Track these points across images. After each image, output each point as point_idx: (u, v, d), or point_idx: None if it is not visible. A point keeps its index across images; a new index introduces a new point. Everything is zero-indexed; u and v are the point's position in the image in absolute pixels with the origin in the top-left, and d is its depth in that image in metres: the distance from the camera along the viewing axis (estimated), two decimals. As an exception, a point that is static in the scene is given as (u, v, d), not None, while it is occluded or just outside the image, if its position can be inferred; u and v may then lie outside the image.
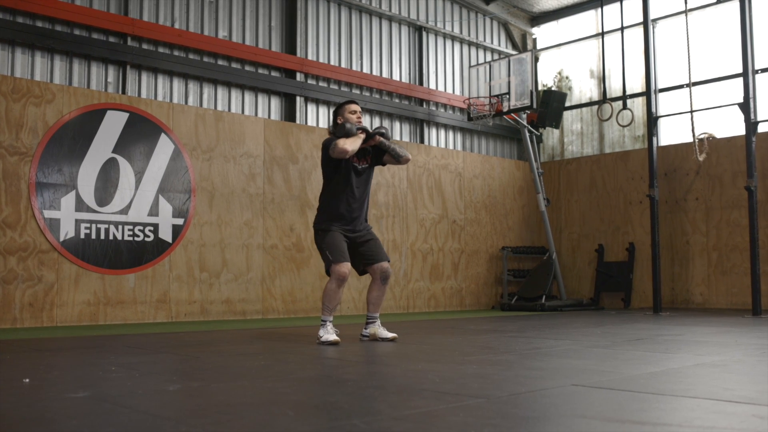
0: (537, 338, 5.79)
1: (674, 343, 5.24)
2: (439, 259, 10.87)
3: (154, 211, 7.99)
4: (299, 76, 9.92)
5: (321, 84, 10.20)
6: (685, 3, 10.04)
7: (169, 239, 8.07)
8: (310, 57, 10.12)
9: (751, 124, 9.08)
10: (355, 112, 5.52)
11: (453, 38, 12.14)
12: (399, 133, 11.16)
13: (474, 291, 11.35)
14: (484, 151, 12.47)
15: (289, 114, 9.83)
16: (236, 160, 8.74)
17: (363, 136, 5.36)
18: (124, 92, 8.30)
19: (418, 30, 11.59)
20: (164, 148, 8.13)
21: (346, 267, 5.24)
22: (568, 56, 12.89)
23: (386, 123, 11.02)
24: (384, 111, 10.92)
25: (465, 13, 12.33)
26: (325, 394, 3.06)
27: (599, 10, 11.60)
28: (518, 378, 3.46)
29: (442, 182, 11.07)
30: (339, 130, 5.33)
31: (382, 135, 5.47)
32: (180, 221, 8.18)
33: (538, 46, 13.32)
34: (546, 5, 12.82)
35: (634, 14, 11.16)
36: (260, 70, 9.59)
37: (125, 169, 7.81)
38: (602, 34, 11.27)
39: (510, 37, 13.05)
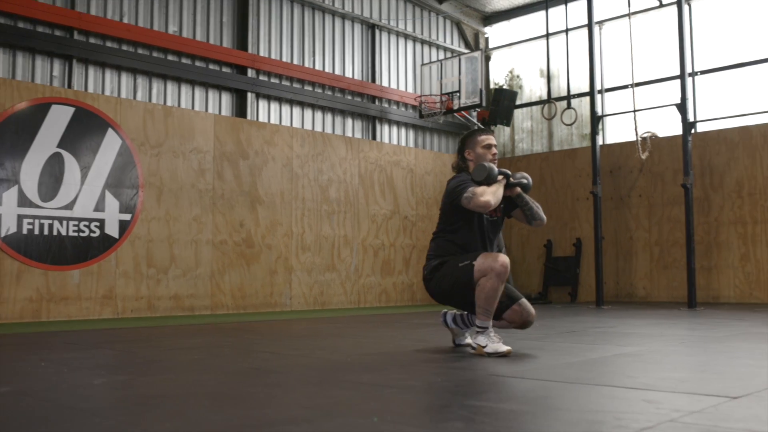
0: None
1: (603, 335, 5.42)
2: (390, 255, 10.99)
3: (100, 206, 7.97)
4: (251, 72, 9.95)
5: (273, 80, 10.24)
6: (629, 6, 10.28)
7: (115, 235, 8.06)
8: (262, 53, 10.16)
9: (687, 124, 9.36)
10: (490, 146, 4.37)
11: (406, 36, 12.26)
12: (351, 129, 11.25)
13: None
14: (436, 148, 12.62)
15: (240, 110, 9.85)
16: (185, 155, 8.75)
17: (504, 182, 4.23)
18: (70, 86, 8.26)
19: (371, 28, 11.69)
20: (111, 143, 8.12)
21: (492, 253, 4.05)
22: (519, 55, 13.10)
23: (338, 120, 11.10)
24: (336, 108, 10.99)
25: (418, 12, 12.45)
26: (247, 386, 3.14)
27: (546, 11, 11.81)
28: (441, 369, 3.59)
29: (394, 178, 11.19)
30: (478, 172, 4.15)
31: (523, 187, 4.33)
32: (127, 217, 8.18)
33: (491, 45, 13.50)
34: (498, 5, 13.00)
35: (581, 16, 11.38)
36: (211, 66, 9.60)
37: (71, 164, 7.78)
38: (547, 35, 11.47)
39: (462, 35, 13.21)
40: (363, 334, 5.92)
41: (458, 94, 10.91)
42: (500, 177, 4.18)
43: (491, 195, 4.04)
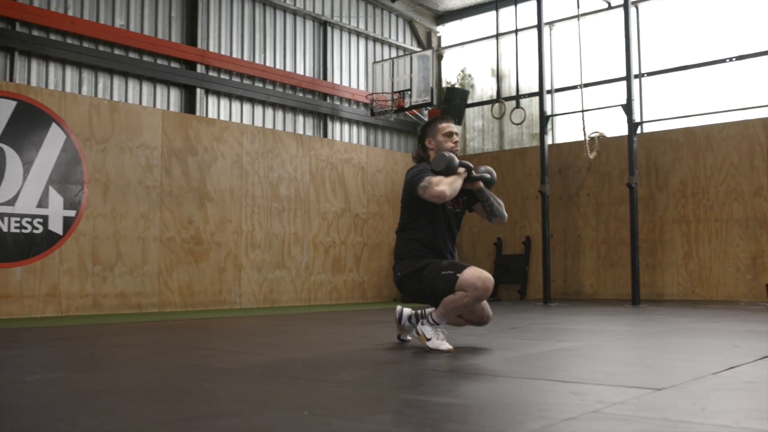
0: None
1: (546, 331, 5.51)
2: (341, 252, 11.00)
3: (43, 202, 7.83)
4: (200, 68, 9.87)
5: (222, 76, 10.17)
6: (578, 7, 10.44)
7: (59, 231, 7.92)
8: (211, 49, 10.08)
9: (632, 125, 9.56)
10: (451, 134, 4.25)
11: (358, 34, 12.27)
12: (303, 127, 11.23)
13: (376, 284, 11.53)
14: (387, 146, 12.66)
15: (189, 106, 9.77)
16: (132, 151, 8.64)
17: (465, 174, 4.11)
18: (11, 80, 8.09)
19: (323, 25, 11.67)
20: (55, 138, 7.98)
21: (476, 268, 3.96)
22: (471, 55, 13.21)
23: (290, 117, 11.07)
24: (287, 105, 10.96)
25: (370, 10, 12.47)
26: (183, 382, 3.13)
27: (500, 11, 11.92)
28: (380, 364, 3.61)
29: (345, 176, 11.20)
30: (437, 162, 4.06)
31: (486, 182, 4.22)
32: (72, 213, 8.04)
33: (443, 44, 13.59)
34: (450, 4, 13.09)
35: (531, 17, 11.51)
36: (159, 61, 9.50)
37: (13, 159, 7.62)
38: (497, 35, 11.59)
39: (415, 34, 13.27)
40: (309, 331, 5.93)
41: (410, 93, 10.97)
42: (461, 169, 4.07)
43: (447, 185, 3.93)
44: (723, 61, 10.46)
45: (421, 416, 2.28)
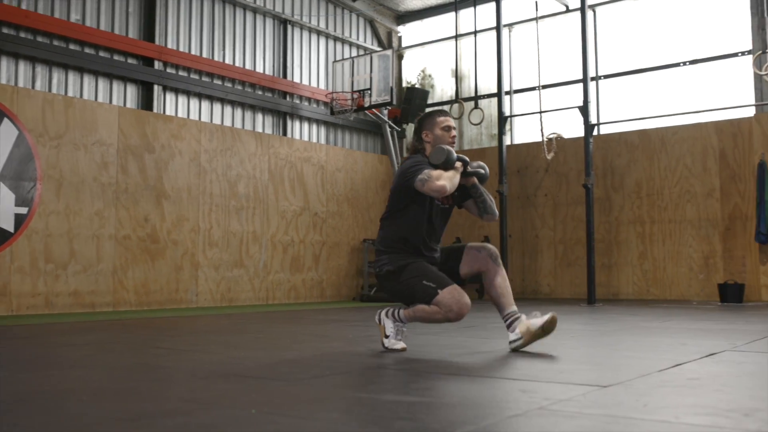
0: (376, 327, 5.97)
1: (499, 330, 5.52)
2: (300, 251, 10.96)
3: (-6, 199, 7.67)
4: (158, 65, 9.75)
5: (181, 73, 10.06)
6: (536, 10, 10.54)
7: (10, 229, 7.77)
8: (170, 45, 9.96)
9: (589, 127, 9.69)
10: (449, 129, 4.12)
11: (318, 33, 12.24)
12: (262, 125, 11.16)
13: (335, 283, 11.51)
14: (347, 145, 12.65)
15: (146, 102, 9.64)
16: (87, 148, 8.51)
17: (462, 169, 3.99)
18: (-38, 74, 7.92)
19: (283, 23, 11.62)
20: (7, 133, 7.82)
21: (457, 290, 3.81)
22: (431, 55, 13.27)
23: (249, 115, 11.00)
24: (247, 103, 10.88)
25: (331, 9, 12.45)
26: (131, 381, 3.09)
27: (459, 12, 11.98)
28: (331, 362, 3.61)
29: (305, 175, 11.16)
30: (436, 155, 3.92)
31: (479, 177, 4.10)
32: (24, 210, 7.89)
33: (403, 45, 13.62)
34: (411, 5, 13.12)
35: (491, 18, 11.59)
36: (116, 57, 9.36)
37: (-38, 154, 7.46)
38: (456, 36, 11.66)
39: (376, 34, 13.28)
40: (265, 330, 5.90)
41: (370, 92, 10.96)
42: (458, 163, 3.95)
43: (448, 180, 3.80)
44: (677, 65, 10.66)
45: (370, 414, 2.28)
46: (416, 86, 13.07)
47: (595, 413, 2.22)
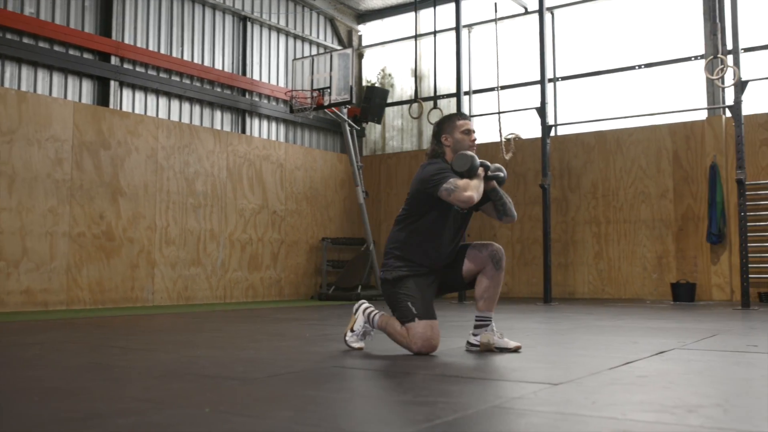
0: (333, 326, 5.99)
1: (456, 329, 5.59)
2: (258, 249, 10.91)
3: (-56, 195, 7.50)
4: (114, 60, 9.62)
5: (138, 69, 9.94)
6: (495, 11, 10.64)
7: (-39, 225, 7.60)
8: (127, 41, 9.83)
9: (546, 128, 9.82)
10: (470, 132, 4.02)
11: (279, 30, 12.18)
12: (221, 122, 11.08)
13: (293, 281, 11.48)
14: (307, 144, 12.62)
15: (103, 98, 9.50)
16: (41, 143, 8.36)
17: (483, 174, 3.88)
18: None
19: (243, 20, 11.54)
20: (-42, 128, 7.65)
21: (433, 328, 3.77)
22: (392, 54, 13.30)
23: (207, 112, 10.90)
24: (205, 100, 10.79)
25: (291, 7, 12.40)
26: (84, 380, 3.06)
27: (419, 12, 12.04)
28: (287, 361, 3.61)
29: (263, 173, 11.11)
30: (460, 162, 3.81)
31: (499, 181, 4.02)
32: (-26, 207, 7.73)
33: (364, 43, 13.63)
34: (372, 4, 13.14)
35: (450, 19, 11.65)
36: (71, 52, 9.21)
37: None
38: (416, 36, 11.71)
39: (336, 32, 13.26)
40: (222, 328, 5.86)
41: (329, 91, 10.96)
42: (480, 169, 3.85)
43: (475, 190, 3.69)
44: (633, 68, 10.85)
45: (322, 412, 2.29)
46: (376, 85, 13.09)
47: (545, 411, 2.26)
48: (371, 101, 12.08)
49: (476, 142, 4.03)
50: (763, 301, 9.28)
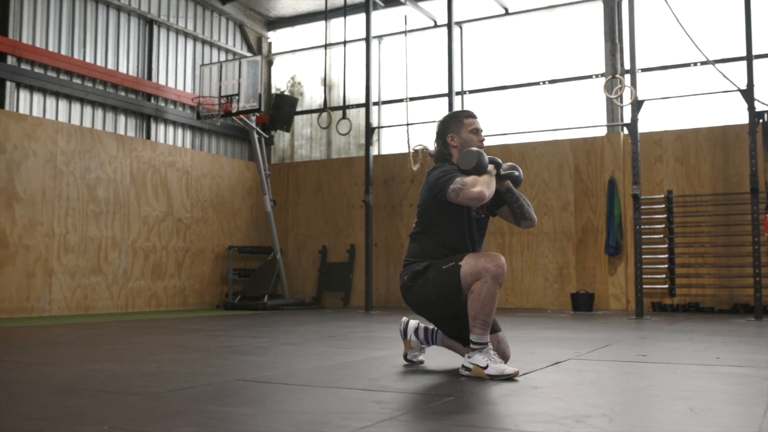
0: (238, 336, 5.94)
1: (362, 339, 5.65)
2: (162, 258, 10.68)
3: None
4: (11, 60, 9.25)
5: (37, 70, 9.59)
6: (405, 23, 10.80)
7: None
8: (24, 40, 9.47)
9: (453, 140, 10.00)
10: (478, 131, 3.73)
11: (186, 35, 11.98)
12: (124, 127, 10.80)
13: (198, 290, 11.30)
14: (214, 151, 12.45)
15: (-2, 99, 9.14)
16: (-70, 146, 7.97)
17: (495, 172, 3.59)
18: None
19: (149, 23, 11.31)
20: None
21: (479, 254, 3.42)
22: (302, 63, 13.29)
23: (110, 116, 10.62)
24: (108, 104, 10.50)
25: (200, 11, 12.23)
26: (-27, 398, 2.94)
27: (330, 21, 12.09)
28: (189, 375, 3.57)
29: (169, 179, 10.90)
30: (466, 159, 3.51)
31: (514, 180, 3.73)
32: None
33: (273, 51, 13.57)
34: (282, 11, 13.10)
35: (361, 29, 11.75)
36: (-35, 50, 8.82)
37: None
38: (326, 45, 11.76)
39: (245, 38, 13.15)
40: (123, 340, 5.72)
41: (238, 98, 10.87)
42: (491, 166, 3.52)
43: (485, 185, 3.37)
44: (537, 83, 11.20)
45: (224, 427, 2.29)
46: (285, 93, 13.06)
47: (442, 422, 2.32)
48: (280, 109, 12.04)
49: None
50: (656, 311, 9.74)
